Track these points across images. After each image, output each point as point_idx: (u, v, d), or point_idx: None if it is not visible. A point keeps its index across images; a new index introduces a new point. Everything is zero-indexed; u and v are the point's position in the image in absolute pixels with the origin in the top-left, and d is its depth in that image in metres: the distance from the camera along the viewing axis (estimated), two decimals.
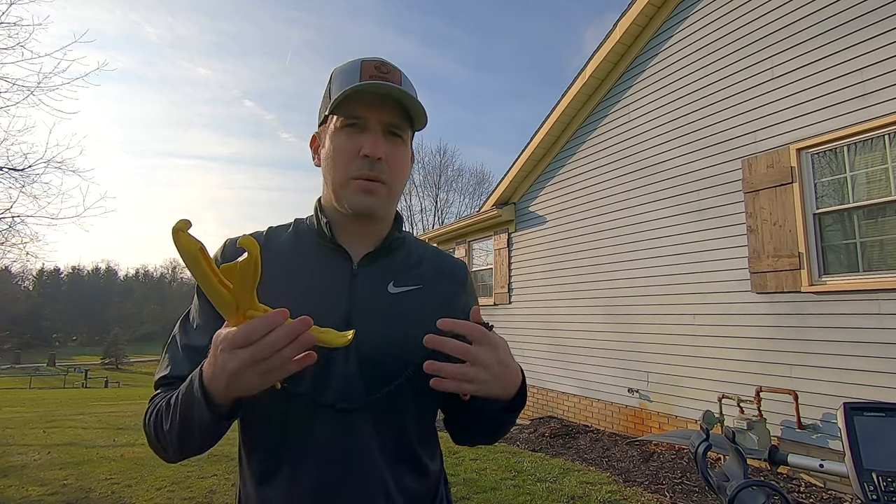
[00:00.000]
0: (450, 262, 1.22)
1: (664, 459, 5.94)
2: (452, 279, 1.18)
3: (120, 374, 60.49)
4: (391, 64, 1.04)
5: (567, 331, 8.49)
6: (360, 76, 0.99)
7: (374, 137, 1.00)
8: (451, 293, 1.16)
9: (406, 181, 1.14)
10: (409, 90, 1.03)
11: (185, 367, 0.99)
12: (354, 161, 1.01)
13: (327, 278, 1.05)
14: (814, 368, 5.17)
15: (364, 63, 1.02)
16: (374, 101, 1.00)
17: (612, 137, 7.92)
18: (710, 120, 6.38)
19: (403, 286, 1.09)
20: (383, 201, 1.05)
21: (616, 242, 7.62)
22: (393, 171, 1.04)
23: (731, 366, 5.91)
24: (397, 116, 1.02)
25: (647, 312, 7.06)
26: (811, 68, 5.37)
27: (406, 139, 1.07)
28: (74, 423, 10.01)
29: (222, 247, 1.11)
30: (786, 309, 5.45)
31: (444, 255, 1.24)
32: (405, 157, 1.08)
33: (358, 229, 1.10)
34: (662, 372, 6.76)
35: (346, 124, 1.02)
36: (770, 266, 5.56)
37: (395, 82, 1.01)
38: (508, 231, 10.20)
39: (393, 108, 1.01)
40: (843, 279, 5.06)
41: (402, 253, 1.14)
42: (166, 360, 1.05)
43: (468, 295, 1.21)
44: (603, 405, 7.71)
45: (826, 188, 5.29)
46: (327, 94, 1.07)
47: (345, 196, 1.03)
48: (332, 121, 1.04)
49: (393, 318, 1.04)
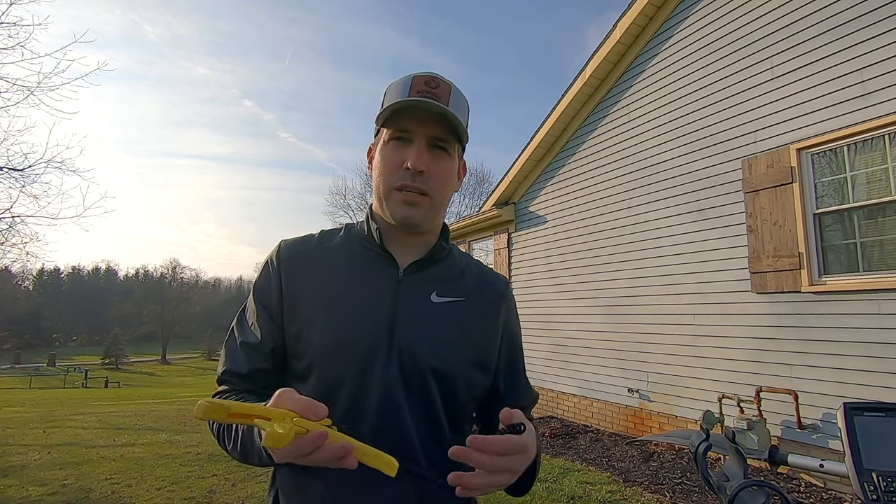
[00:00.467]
0: (492, 276, 1.26)
1: (664, 459, 5.94)
2: (494, 293, 1.21)
3: (120, 374, 60.43)
4: (441, 78, 1.07)
5: (567, 331, 8.48)
6: (409, 91, 1.03)
7: (418, 150, 1.04)
8: (492, 306, 1.19)
9: (451, 193, 1.16)
10: (457, 105, 1.07)
11: (243, 362, 1.07)
12: (398, 172, 1.05)
13: (374, 283, 1.09)
14: (814, 368, 5.17)
15: (415, 78, 1.05)
16: (421, 115, 1.03)
17: (612, 137, 7.91)
18: (710, 120, 6.38)
19: (446, 297, 1.12)
20: (425, 212, 1.08)
21: (616, 242, 7.62)
22: (435, 183, 1.07)
23: (731, 366, 5.91)
24: (442, 130, 1.05)
25: (647, 312, 7.06)
26: (811, 68, 5.37)
27: (452, 153, 1.10)
28: (74, 423, 10.00)
29: (277, 249, 1.16)
30: (786, 309, 5.45)
31: (487, 269, 1.28)
32: (450, 169, 1.11)
33: (405, 238, 1.14)
34: (662, 372, 6.76)
35: (394, 137, 1.06)
36: (770, 266, 5.55)
37: (443, 98, 1.04)
38: (508, 231, 10.20)
39: (438, 122, 1.04)
40: (843, 279, 5.06)
41: (446, 264, 1.18)
42: (225, 354, 1.11)
43: (509, 310, 1.24)
44: (603, 405, 7.70)
45: (826, 188, 5.29)
46: (381, 106, 1.10)
47: (389, 206, 1.08)
48: (382, 133, 1.09)
49: (434, 326, 1.08)
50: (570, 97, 8.34)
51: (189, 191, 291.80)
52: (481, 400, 1.17)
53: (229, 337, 1.13)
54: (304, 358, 1.04)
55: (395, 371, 1.02)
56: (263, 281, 1.12)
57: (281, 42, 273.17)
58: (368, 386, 1.00)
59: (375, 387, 1.00)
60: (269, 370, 1.08)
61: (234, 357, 1.09)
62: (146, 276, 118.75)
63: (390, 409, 1.01)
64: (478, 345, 1.12)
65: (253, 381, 1.06)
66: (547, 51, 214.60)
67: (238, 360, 1.07)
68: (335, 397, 1.00)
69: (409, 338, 1.03)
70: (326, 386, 1.01)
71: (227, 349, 1.11)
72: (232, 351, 1.10)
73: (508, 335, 1.22)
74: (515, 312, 1.28)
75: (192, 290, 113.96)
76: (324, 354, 1.02)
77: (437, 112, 1.02)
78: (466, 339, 1.10)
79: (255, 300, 1.12)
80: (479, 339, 1.13)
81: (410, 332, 1.04)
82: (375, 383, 1.00)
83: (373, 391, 1.00)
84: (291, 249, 1.14)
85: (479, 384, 1.13)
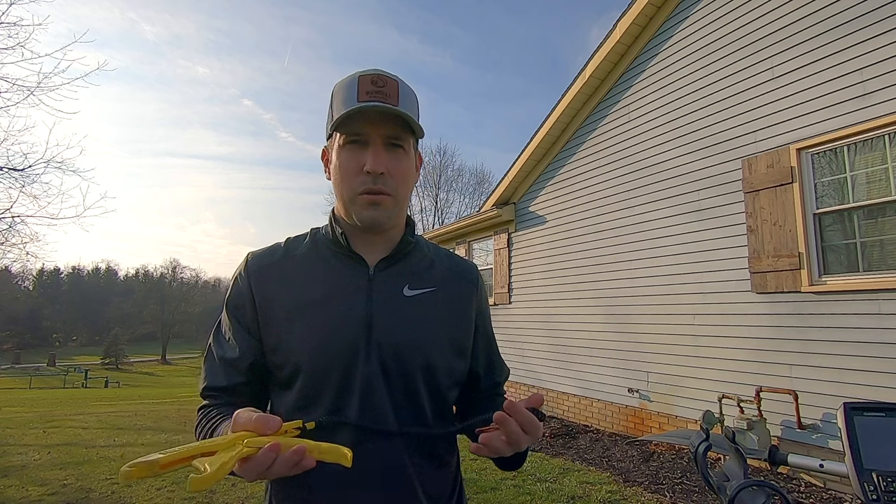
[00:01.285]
0: (461, 264, 1.29)
1: (664, 459, 5.94)
2: (465, 280, 1.24)
3: (120, 374, 60.45)
4: (388, 75, 1.07)
5: (567, 331, 8.48)
6: (357, 94, 1.03)
7: (375, 153, 1.04)
8: (464, 294, 1.22)
9: (413, 187, 1.18)
10: (407, 100, 1.07)
11: (222, 377, 1.09)
12: (358, 177, 1.05)
13: (346, 284, 1.10)
14: (814, 368, 5.17)
15: (361, 78, 1.05)
16: (373, 116, 1.03)
17: (612, 137, 7.91)
18: (711, 120, 6.38)
19: (418, 289, 1.14)
20: (390, 211, 1.09)
21: (616, 242, 7.62)
22: (397, 182, 1.08)
23: (731, 366, 5.91)
24: (396, 128, 1.06)
25: (647, 312, 7.06)
26: (811, 68, 5.37)
27: (408, 149, 1.10)
28: (74, 423, 10.00)
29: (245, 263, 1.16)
30: (786, 309, 5.45)
31: (456, 257, 1.30)
32: (408, 165, 1.11)
33: (370, 238, 1.16)
34: (662, 372, 6.76)
35: (349, 141, 1.06)
36: (770, 266, 5.56)
37: (391, 96, 1.04)
38: (508, 231, 10.20)
39: (391, 121, 1.04)
40: (843, 279, 5.06)
41: (415, 257, 1.20)
42: (205, 371, 1.12)
43: (480, 296, 1.28)
44: (603, 405, 7.71)
45: (826, 188, 5.29)
46: (330, 111, 1.11)
47: (354, 211, 1.09)
48: (336, 138, 1.09)
49: (409, 319, 1.09)
50: (570, 97, 8.35)
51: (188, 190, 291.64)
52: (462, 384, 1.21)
53: (208, 353, 1.14)
54: (286, 366, 1.05)
55: (375, 368, 1.03)
56: (235, 296, 1.13)
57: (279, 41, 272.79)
58: (350, 385, 1.02)
59: (357, 385, 1.02)
60: (250, 382, 1.09)
61: (213, 373, 1.10)
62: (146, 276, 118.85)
63: (373, 405, 1.02)
64: (453, 333, 1.15)
65: (235, 394, 1.08)
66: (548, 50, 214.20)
67: (217, 376, 1.09)
68: (319, 400, 1.02)
69: (386, 333, 1.05)
70: (310, 390, 1.03)
71: (207, 366, 1.12)
72: (211, 367, 1.11)
73: (481, 319, 1.27)
74: (485, 296, 1.32)
75: (192, 290, 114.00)
76: (305, 361, 1.03)
77: (390, 113, 1.02)
78: (442, 328, 1.12)
79: (230, 316, 1.13)
80: (454, 328, 1.16)
81: (387, 328, 1.06)
82: (357, 382, 1.02)
83: (355, 390, 1.02)
84: (259, 261, 1.15)
85: (458, 370, 1.17)
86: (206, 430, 1.00)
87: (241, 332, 1.10)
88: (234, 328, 1.11)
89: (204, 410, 1.08)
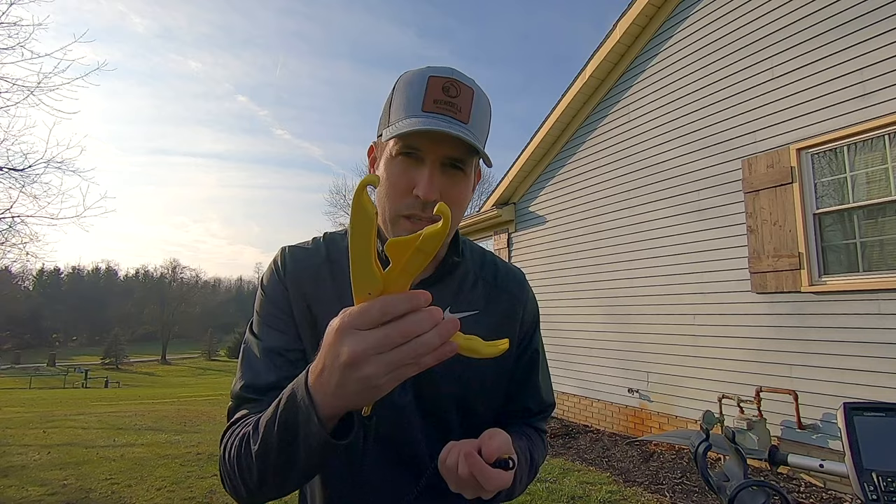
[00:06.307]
0: (506, 276, 1.16)
1: (664, 459, 5.94)
2: (509, 294, 1.13)
3: (120, 374, 60.44)
4: (462, 81, 0.92)
5: (567, 331, 8.48)
6: (423, 99, 0.88)
7: (430, 176, 0.89)
8: (508, 312, 1.11)
9: (464, 213, 1.03)
10: (480, 113, 0.93)
11: (267, 373, 0.92)
12: (406, 198, 0.91)
13: None
14: (814, 368, 5.17)
15: (431, 80, 0.90)
16: (434, 132, 0.87)
17: (612, 137, 7.91)
18: (710, 120, 6.37)
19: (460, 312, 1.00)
20: None
21: (616, 242, 7.62)
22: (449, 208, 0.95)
23: (731, 366, 5.91)
24: (460, 149, 0.90)
25: (647, 312, 7.06)
26: (811, 68, 5.37)
27: (469, 172, 0.95)
28: (74, 424, 10.02)
29: (281, 259, 1.05)
30: (786, 309, 5.45)
31: (500, 266, 1.18)
32: (465, 189, 0.96)
33: None
34: (662, 372, 6.76)
35: (402, 153, 0.90)
36: (770, 266, 5.56)
37: (464, 109, 0.90)
38: (508, 231, 10.20)
39: (455, 140, 0.88)
40: (843, 279, 5.06)
41: (458, 274, 1.08)
42: (243, 370, 0.95)
43: (527, 310, 1.16)
44: (603, 405, 7.71)
45: (826, 188, 5.29)
46: (388, 106, 0.96)
47: (394, 232, 0.94)
48: (388, 141, 0.93)
49: None
50: (570, 97, 8.34)
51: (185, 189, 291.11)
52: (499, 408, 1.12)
53: (245, 351, 0.98)
54: None
55: (410, 398, 0.97)
56: (275, 288, 1.02)
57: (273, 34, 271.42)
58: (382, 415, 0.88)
59: (389, 416, 0.93)
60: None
61: (255, 370, 0.93)
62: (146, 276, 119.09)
63: (405, 438, 0.97)
64: (497, 364, 1.03)
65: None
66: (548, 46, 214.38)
67: (261, 372, 0.92)
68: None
69: None
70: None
71: (245, 364, 0.96)
72: (251, 363, 0.94)
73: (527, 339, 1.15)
74: (534, 307, 1.19)
75: (192, 290, 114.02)
76: None
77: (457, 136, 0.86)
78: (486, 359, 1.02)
79: (270, 303, 1.00)
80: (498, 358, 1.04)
81: None
82: (390, 412, 0.93)
83: (387, 420, 0.93)
84: (297, 262, 1.04)
85: (498, 399, 1.09)
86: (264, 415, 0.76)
87: (286, 320, 0.98)
88: (277, 316, 0.99)
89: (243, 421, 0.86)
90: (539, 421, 1.18)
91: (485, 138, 0.98)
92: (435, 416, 0.99)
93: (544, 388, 1.18)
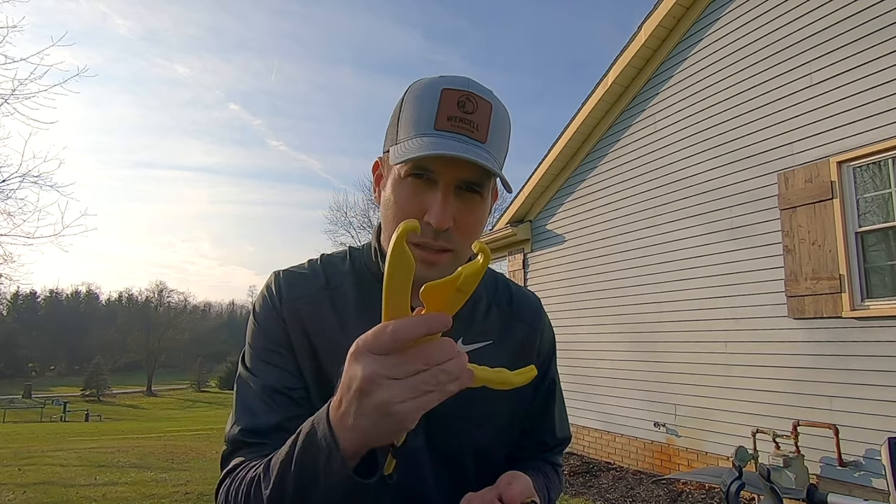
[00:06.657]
0: (520, 302, 1.16)
1: (693, 499, 5.92)
2: (524, 324, 1.13)
3: (102, 407, 60.38)
4: (480, 95, 0.89)
5: (588, 359, 8.48)
6: (436, 116, 0.86)
7: (444, 203, 0.86)
8: (524, 345, 1.11)
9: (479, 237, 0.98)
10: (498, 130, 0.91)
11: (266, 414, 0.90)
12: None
13: None
14: (856, 400, 5.16)
15: (445, 93, 0.87)
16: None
17: (636, 149, 7.98)
18: (744, 130, 6.42)
19: (472, 343, 1.02)
20: (446, 269, 0.83)
21: (641, 264, 7.66)
22: (462, 237, 0.90)
23: (767, 398, 5.90)
24: (476, 172, 0.87)
25: (675, 340, 7.06)
26: (853, 74, 5.41)
27: (486, 195, 0.92)
28: (52, 460, 10.05)
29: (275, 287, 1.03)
30: (825, 336, 5.45)
31: (515, 292, 1.18)
32: (482, 214, 0.93)
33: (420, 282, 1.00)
34: (691, 404, 6.75)
35: (413, 174, 0.87)
36: (808, 289, 5.57)
37: (481, 127, 0.87)
38: (524, 251, 10.25)
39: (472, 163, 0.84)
40: (887, 303, 5.06)
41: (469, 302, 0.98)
42: (239, 411, 0.93)
43: (543, 340, 1.16)
44: (627, 440, 7.68)
45: (869, 204, 5.32)
46: (395, 121, 0.94)
47: None
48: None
49: None
50: (590, 106, 8.42)
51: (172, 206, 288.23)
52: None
53: (241, 389, 0.96)
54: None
55: (421, 441, 0.96)
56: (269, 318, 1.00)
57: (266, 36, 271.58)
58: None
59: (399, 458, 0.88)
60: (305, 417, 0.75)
61: (252, 411, 0.91)
62: (130, 300, 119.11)
63: (414, 481, 0.96)
64: (512, 395, 0.98)
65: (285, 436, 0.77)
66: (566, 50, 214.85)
67: (261, 413, 0.90)
68: None
69: None
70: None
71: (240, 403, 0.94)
72: (247, 403, 0.92)
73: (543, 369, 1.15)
74: (550, 336, 1.20)
75: (180, 315, 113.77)
76: None
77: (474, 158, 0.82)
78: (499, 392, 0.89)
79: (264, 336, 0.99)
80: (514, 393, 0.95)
81: None
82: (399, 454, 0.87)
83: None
84: (293, 289, 1.01)
85: (513, 436, 1.11)
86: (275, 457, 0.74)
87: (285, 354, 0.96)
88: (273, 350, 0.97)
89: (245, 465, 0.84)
90: (555, 455, 1.20)
91: (503, 158, 0.95)
92: (447, 457, 0.99)
93: (560, 421, 1.20)
